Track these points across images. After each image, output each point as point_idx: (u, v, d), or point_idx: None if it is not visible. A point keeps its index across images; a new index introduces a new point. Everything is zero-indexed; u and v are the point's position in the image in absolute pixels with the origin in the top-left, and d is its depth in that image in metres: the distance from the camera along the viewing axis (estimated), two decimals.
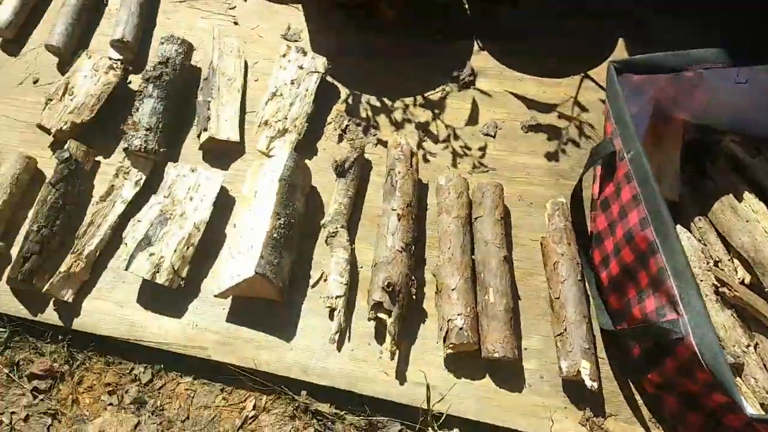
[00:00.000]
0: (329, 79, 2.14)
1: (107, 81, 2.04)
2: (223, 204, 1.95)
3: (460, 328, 1.64)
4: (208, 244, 1.88)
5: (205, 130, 2.00)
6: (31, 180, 2.01)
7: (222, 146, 2.03)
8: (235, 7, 2.33)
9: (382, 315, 1.71)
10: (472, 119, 2.05)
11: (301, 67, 2.06)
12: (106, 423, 1.79)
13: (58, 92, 2.02)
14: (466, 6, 2.30)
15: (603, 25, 2.28)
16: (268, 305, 1.81)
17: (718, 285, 1.63)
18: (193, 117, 2.10)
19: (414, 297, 1.77)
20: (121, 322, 1.82)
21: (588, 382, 1.56)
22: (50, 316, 1.84)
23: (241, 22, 2.30)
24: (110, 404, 1.81)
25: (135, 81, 2.17)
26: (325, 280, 1.86)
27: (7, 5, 2.25)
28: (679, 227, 1.74)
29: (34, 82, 2.20)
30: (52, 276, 1.84)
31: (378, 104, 2.09)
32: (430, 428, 1.63)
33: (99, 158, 2.05)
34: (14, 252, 1.92)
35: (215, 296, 1.78)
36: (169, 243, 1.83)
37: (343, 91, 2.13)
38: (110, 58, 2.09)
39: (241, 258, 1.76)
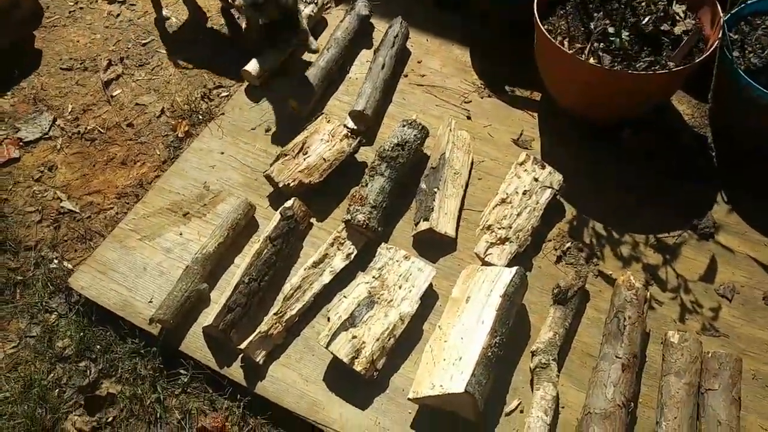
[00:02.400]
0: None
1: (341, 149, 2.06)
2: (423, 296, 1.86)
3: None
4: (401, 337, 1.80)
5: (426, 219, 1.95)
6: (245, 227, 2.03)
7: (434, 239, 1.98)
8: (470, 101, 2.31)
9: None
10: (709, 275, 1.89)
11: (536, 179, 1.98)
12: None
13: (294, 149, 2.05)
14: (713, 153, 2.17)
15: None
16: (458, 420, 1.68)
17: None
18: (409, 202, 2.08)
19: None
20: (304, 397, 1.75)
21: None
22: (236, 372, 1.80)
23: (473, 118, 2.27)
24: None
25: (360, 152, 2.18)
26: (522, 411, 1.73)
27: (264, 55, 2.35)
28: None
29: (266, 131, 2.26)
30: (244, 331, 1.81)
31: (604, 233, 1.97)
32: None
33: (313, 220, 2.05)
34: (213, 296, 1.93)
35: (409, 399, 1.69)
36: (372, 328, 1.76)
37: (569, 212, 2.04)
38: (346, 126, 2.12)
39: (447, 368, 1.65)
